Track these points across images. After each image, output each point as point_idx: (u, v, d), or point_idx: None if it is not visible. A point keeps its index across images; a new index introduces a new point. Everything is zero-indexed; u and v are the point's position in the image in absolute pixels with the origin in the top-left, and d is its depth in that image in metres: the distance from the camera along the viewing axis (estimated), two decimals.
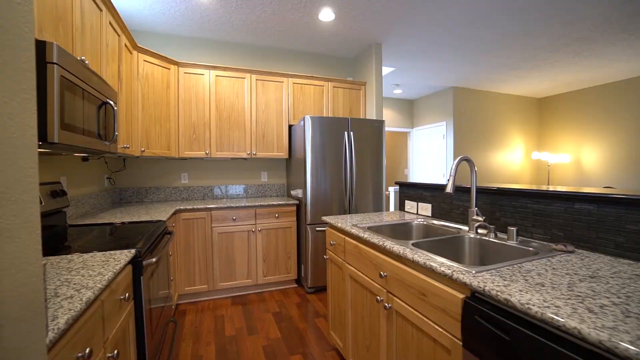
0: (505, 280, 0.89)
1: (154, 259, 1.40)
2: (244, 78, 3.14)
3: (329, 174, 2.87)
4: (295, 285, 3.10)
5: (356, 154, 2.96)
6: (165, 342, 1.76)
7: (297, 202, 3.02)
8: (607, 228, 1.12)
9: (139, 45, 2.53)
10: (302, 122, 2.82)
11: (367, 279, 1.46)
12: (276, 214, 2.93)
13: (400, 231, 1.78)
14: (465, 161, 1.64)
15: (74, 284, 0.89)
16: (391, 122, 6.06)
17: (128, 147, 2.29)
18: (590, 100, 5.38)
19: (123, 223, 1.94)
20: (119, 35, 2.15)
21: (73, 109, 1.26)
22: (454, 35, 3.31)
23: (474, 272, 0.94)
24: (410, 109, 6.25)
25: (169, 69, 2.86)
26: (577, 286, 0.84)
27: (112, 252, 1.24)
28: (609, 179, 5.15)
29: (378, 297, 1.34)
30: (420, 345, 1.13)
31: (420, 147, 6.15)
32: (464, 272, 0.94)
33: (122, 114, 2.22)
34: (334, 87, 3.42)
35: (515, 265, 1.01)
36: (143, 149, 2.62)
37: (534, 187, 1.41)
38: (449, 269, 0.98)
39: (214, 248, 2.79)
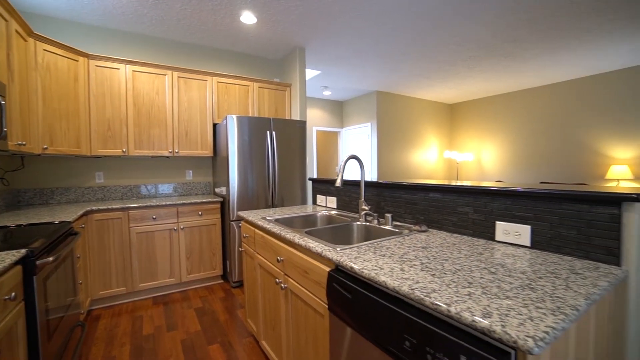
0: (359, 254, 1.13)
1: (50, 259, 1.38)
2: (165, 75, 3.07)
3: (253, 172, 2.99)
4: (221, 281, 3.16)
5: (279, 153, 3.12)
6: (68, 346, 1.71)
7: (221, 199, 3.08)
8: (448, 211, 1.46)
9: (36, 32, 2.32)
10: (225, 121, 2.89)
11: (270, 264, 1.63)
12: (199, 212, 2.95)
13: (306, 222, 1.99)
14: (354, 159, 1.90)
15: None
16: (322, 122, 6.38)
17: (24, 144, 2.11)
18: (486, 108, 6.36)
19: (19, 226, 1.81)
20: (6, 20, 1.97)
21: None
22: (371, 45, 3.67)
23: (338, 249, 1.17)
24: (340, 109, 6.65)
25: (77, 60, 2.67)
26: (407, 254, 1.11)
27: None
28: (501, 174, 6.16)
29: (277, 280, 1.53)
30: (307, 315, 1.33)
31: (349, 146, 6.58)
32: (330, 250, 1.16)
33: (16, 108, 2.05)
34: (259, 87, 3.53)
35: (375, 243, 1.27)
36: (45, 146, 2.43)
37: (404, 181, 1.73)
38: (320, 248, 1.19)
39: (133, 249, 2.71)
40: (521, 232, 1.18)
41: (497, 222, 1.25)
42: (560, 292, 0.77)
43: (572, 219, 1.04)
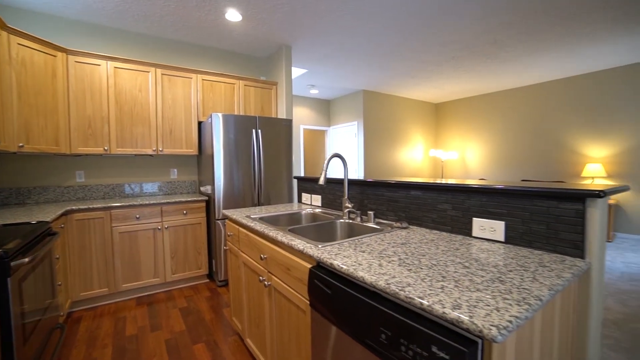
0: (340, 250, 1.15)
1: (25, 260, 1.34)
2: (148, 72, 3.02)
3: (239, 170, 2.98)
4: (207, 280, 3.14)
5: (265, 151, 3.12)
6: (46, 350, 1.67)
7: (206, 198, 3.05)
8: (428, 208, 1.50)
9: (9, 25, 2.24)
10: (210, 119, 2.86)
11: (254, 262, 1.64)
12: (184, 211, 2.92)
13: (291, 220, 2.01)
14: (337, 157, 1.92)
15: None
16: (309, 120, 6.39)
17: None
18: (471, 108, 6.50)
19: None
20: None
21: None
22: (358, 44, 3.70)
23: (320, 246, 1.19)
24: (327, 108, 6.67)
25: (54, 56, 2.59)
26: (386, 250, 1.14)
27: None
28: (485, 172, 6.32)
29: (261, 277, 1.53)
30: (290, 312, 1.35)
31: (336, 144, 6.62)
32: (312, 247, 1.18)
33: None
34: (245, 85, 3.51)
35: (356, 240, 1.29)
36: (21, 144, 2.35)
37: (386, 179, 1.76)
38: (302, 245, 1.21)
39: (115, 249, 2.66)
40: (496, 228, 1.22)
41: (474, 219, 1.30)
42: (527, 283, 0.81)
43: (542, 215, 1.09)
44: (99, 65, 2.81)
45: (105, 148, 2.86)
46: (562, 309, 0.91)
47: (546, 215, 1.08)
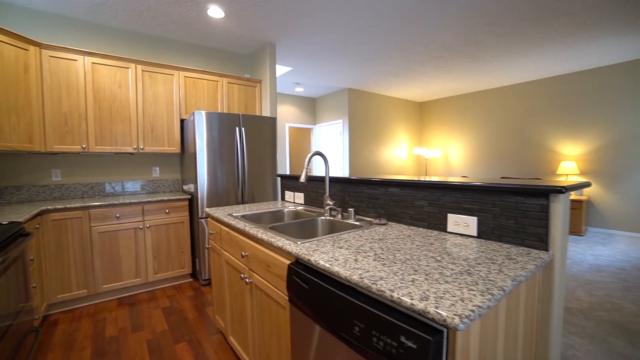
0: (318, 246, 1.17)
1: None
2: (128, 68, 2.95)
3: (222, 168, 2.95)
4: (191, 279, 3.11)
5: (248, 149, 3.11)
6: (19, 355, 1.63)
7: (189, 196, 3.02)
8: (406, 205, 1.54)
9: None
10: (192, 117, 2.83)
11: (236, 260, 1.64)
12: (166, 210, 2.88)
13: (273, 217, 2.01)
14: (319, 155, 1.93)
15: None
16: (295, 118, 6.38)
17: None
18: (454, 107, 6.64)
19: None
20: None
21: None
22: (343, 42, 3.72)
23: (299, 242, 1.20)
24: (313, 106, 6.68)
25: (26, 49, 2.50)
26: (363, 246, 1.16)
27: None
28: (467, 170, 6.48)
29: (242, 275, 1.54)
30: (270, 308, 1.36)
31: (322, 142, 6.64)
32: (291, 244, 1.19)
33: None
34: (229, 83, 3.48)
35: (335, 236, 1.31)
36: None
37: (366, 177, 1.79)
38: (281, 242, 1.22)
39: (95, 249, 2.59)
40: (469, 223, 1.27)
41: (449, 215, 1.34)
42: (493, 275, 0.85)
43: (511, 210, 1.14)
44: (76, 60, 2.72)
45: (83, 146, 2.78)
46: (527, 297, 0.96)
47: (514, 211, 1.13)
